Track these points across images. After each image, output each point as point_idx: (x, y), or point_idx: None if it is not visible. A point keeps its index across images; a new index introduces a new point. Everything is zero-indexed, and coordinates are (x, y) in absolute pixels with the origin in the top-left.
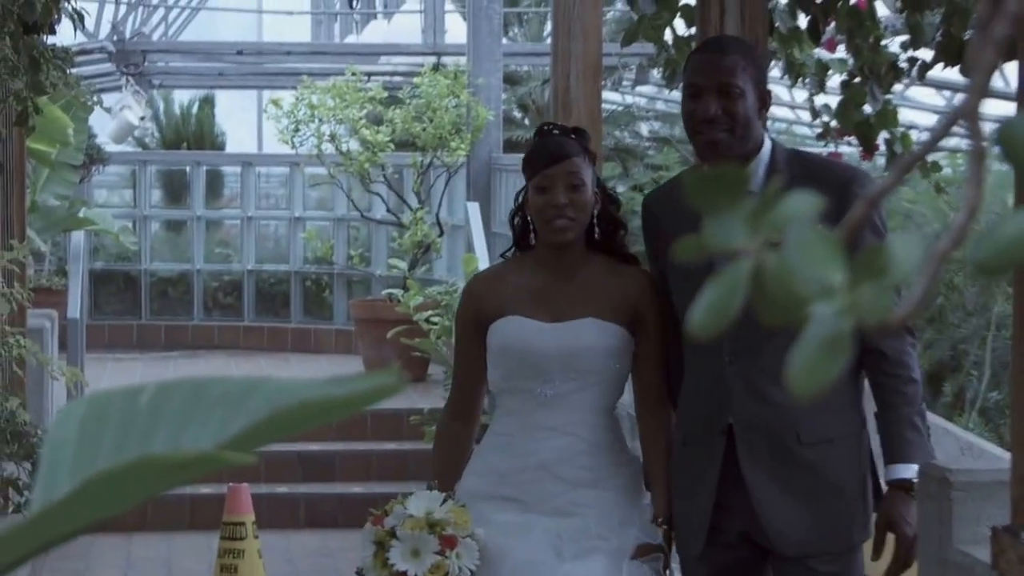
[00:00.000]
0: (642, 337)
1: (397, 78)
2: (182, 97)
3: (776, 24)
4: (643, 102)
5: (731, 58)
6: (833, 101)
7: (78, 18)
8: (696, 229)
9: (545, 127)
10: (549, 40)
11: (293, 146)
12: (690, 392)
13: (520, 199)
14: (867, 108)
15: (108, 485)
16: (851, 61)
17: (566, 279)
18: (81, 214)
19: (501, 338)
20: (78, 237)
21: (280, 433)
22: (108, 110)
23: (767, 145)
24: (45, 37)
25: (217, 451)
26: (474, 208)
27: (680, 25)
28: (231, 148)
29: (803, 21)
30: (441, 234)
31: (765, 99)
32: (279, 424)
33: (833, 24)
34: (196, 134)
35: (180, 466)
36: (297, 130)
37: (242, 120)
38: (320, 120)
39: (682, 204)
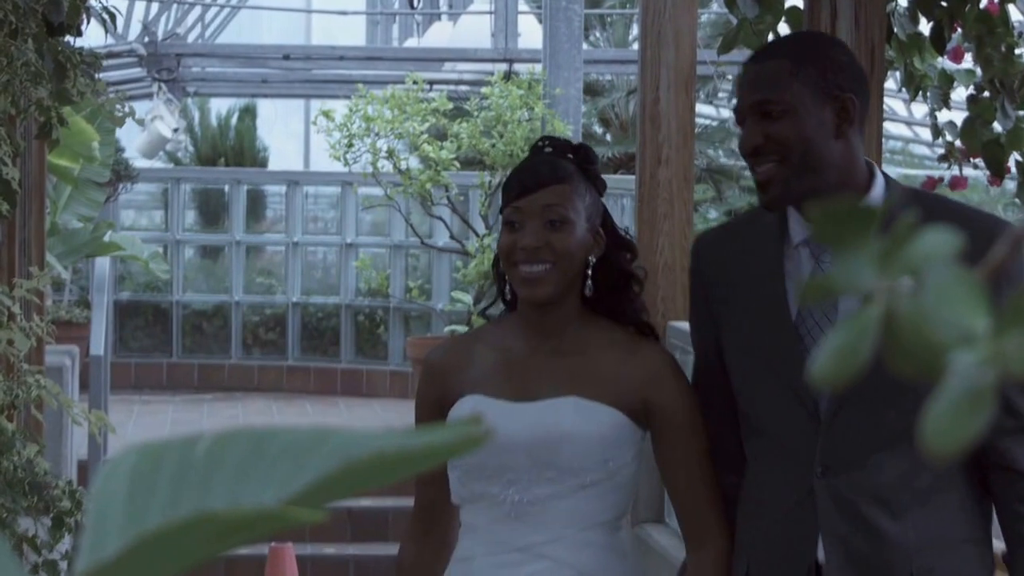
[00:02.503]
0: (663, 436)
1: (463, 87)
2: (220, 107)
3: (895, 30)
4: None
5: (770, 65)
6: (958, 118)
7: (109, 18)
8: (751, 279)
9: (539, 143)
10: (636, 46)
11: (345, 163)
12: (758, 515)
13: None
14: (997, 126)
15: (161, 545)
16: (979, 72)
17: (549, 349)
18: (107, 238)
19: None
20: (103, 264)
21: (352, 489)
22: (140, 122)
23: (878, 182)
24: (72, 40)
25: (284, 507)
26: None
27: (785, 30)
28: (275, 165)
29: (926, 27)
30: None
31: (846, 108)
32: (351, 478)
33: (960, 31)
34: (235, 148)
35: (242, 524)
36: (350, 145)
37: (287, 133)
38: (376, 134)
39: (735, 251)
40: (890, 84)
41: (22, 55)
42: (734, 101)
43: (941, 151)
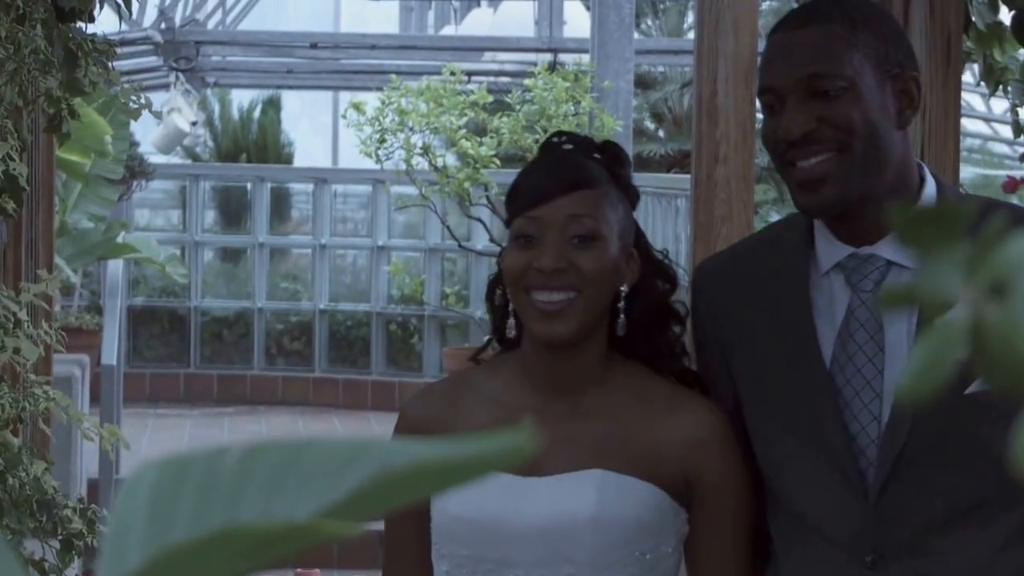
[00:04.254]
0: (700, 520)
1: (504, 79)
2: (242, 99)
3: (973, 19)
4: None
5: (819, 30)
6: None
7: (124, 3)
8: (771, 317)
9: (554, 139)
10: (691, 35)
11: (377, 160)
12: None
13: (498, 263)
14: None
15: (184, 562)
16: None
17: (566, 404)
18: (120, 239)
19: (446, 505)
20: (115, 267)
21: (390, 502)
22: (157, 114)
23: (929, 185)
24: (84, 26)
25: (317, 521)
26: None
27: None
28: (300, 161)
29: (1007, 16)
30: None
31: (909, 90)
32: (390, 490)
33: None
34: (258, 143)
35: (273, 538)
36: (382, 141)
37: (314, 127)
38: (410, 129)
39: (748, 282)
40: (967, 77)
41: (30, 42)
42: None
43: (1023, 150)
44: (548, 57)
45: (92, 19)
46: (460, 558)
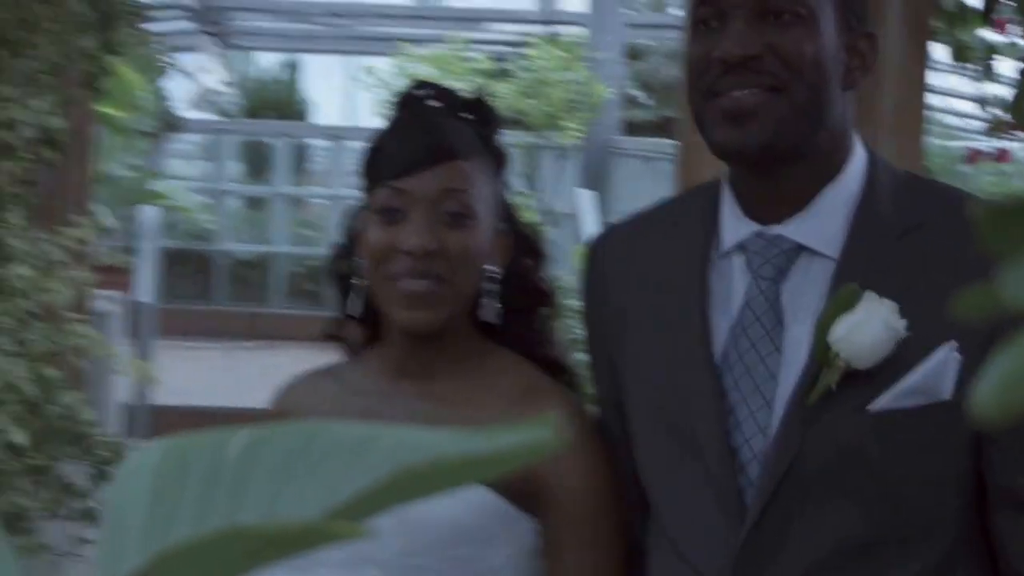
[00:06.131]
0: (551, 531)
1: (505, 48)
2: (267, 60)
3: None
4: None
5: None
6: (998, 90)
7: None
8: (661, 296)
9: (418, 91)
10: (672, 10)
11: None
12: None
13: (349, 231)
14: None
15: (185, 563)
16: None
17: (415, 386)
18: (153, 186)
19: None
20: (149, 212)
21: (404, 499)
22: (187, 73)
23: (859, 155)
24: None
25: (325, 522)
26: (586, 196)
27: None
28: (317, 119)
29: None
30: (549, 224)
31: (861, 51)
32: (403, 487)
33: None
34: (281, 102)
35: (279, 540)
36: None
37: (330, 88)
38: None
39: (643, 254)
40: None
41: (70, 5)
42: None
43: (978, 122)
44: (546, 29)
45: None
46: None
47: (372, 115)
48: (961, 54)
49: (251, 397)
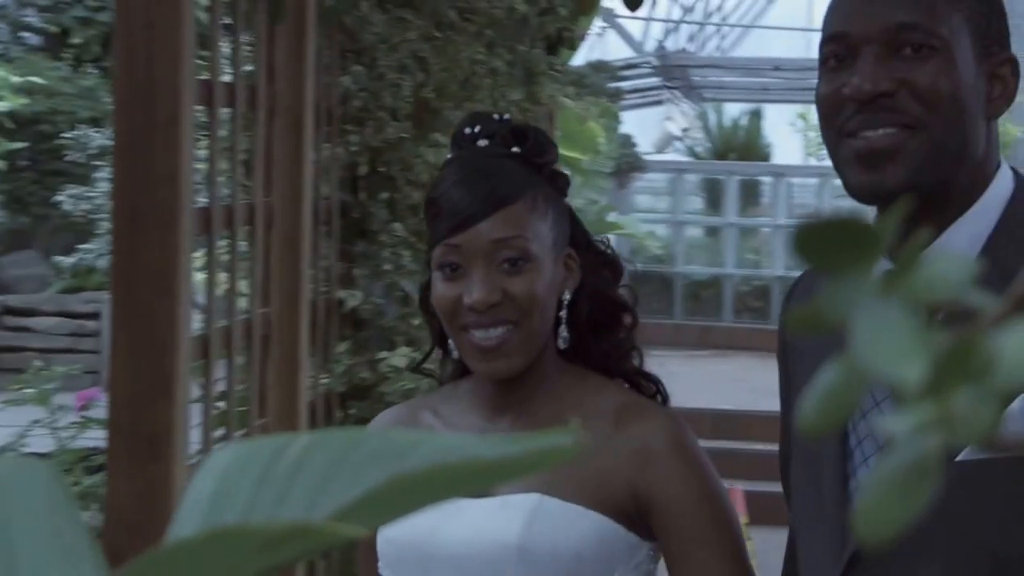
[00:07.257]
0: (668, 544)
1: None
2: (732, 110)
3: None
4: None
5: None
6: None
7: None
8: (817, 345)
9: (466, 130)
10: None
11: (818, 159)
12: None
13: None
14: None
15: (183, 562)
16: None
17: (517, 424)
18: (609, 218)
19: (387, 530)
20: (612, 241)
21: (419, 502)
22: (656, 123)
23: (1005, 177)
24: (559, 55)
25: (323, 523)
26: None
27: None
28: (776, 159)
29: None
30: None
31: (1003, 77)
32: (416, 489)
33: None
34: (744, 145)
35: (276, 539)
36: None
37: (787, 132)
38: None
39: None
40: None
41: (498, 65)
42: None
43: None
44: None
45: (574, 48)
46: None
47: (806, 155)
48: None
49: (702, 398)
